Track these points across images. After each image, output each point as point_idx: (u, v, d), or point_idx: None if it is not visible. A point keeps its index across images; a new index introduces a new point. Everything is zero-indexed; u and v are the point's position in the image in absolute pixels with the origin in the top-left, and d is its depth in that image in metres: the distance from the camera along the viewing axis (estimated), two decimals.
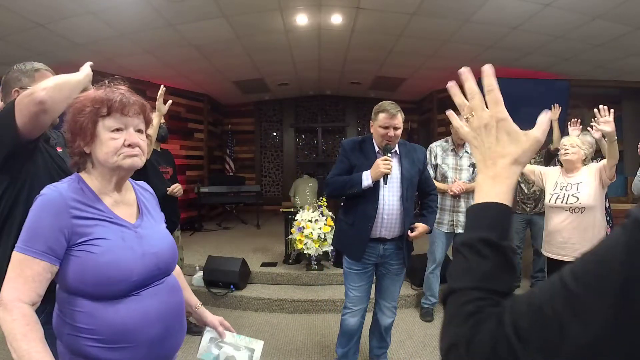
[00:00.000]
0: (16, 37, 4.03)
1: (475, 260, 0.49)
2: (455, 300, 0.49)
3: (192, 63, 5.42)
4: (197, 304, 1.31)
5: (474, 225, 0.53)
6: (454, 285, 0.51)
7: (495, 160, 0.54)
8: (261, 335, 3.10)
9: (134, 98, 1.01)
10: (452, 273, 0.53)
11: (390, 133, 2.12)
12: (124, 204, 1.06)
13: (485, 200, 0.53)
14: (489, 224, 0.52)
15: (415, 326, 3.24)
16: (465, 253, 0.51)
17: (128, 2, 3.55)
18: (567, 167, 2.55)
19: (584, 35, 4.25)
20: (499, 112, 0.55)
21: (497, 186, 0.53)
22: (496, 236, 0.50)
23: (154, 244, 1.04)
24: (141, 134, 1.02)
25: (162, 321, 1.00)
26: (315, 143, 8.71)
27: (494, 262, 0.49)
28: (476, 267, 0.49)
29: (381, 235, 2.20)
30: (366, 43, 4.93)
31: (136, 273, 0.96)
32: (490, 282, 0.48)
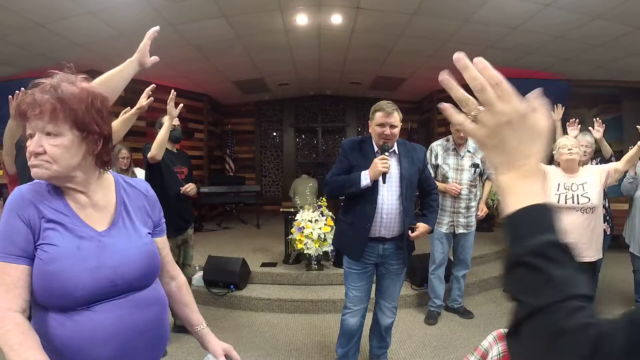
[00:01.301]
0: (16, 37, 4.03)
1: (553, 268, 0.43)
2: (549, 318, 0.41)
3: (192, 63, 5.42)
4: (200, 324, 1.16)
5: (531, 231, 0.46)
6: (537, 303, 0.42)
7: (526, 160, 0.48)
8: (261, 335, 3.10)
9: (39, 96, 0.85)
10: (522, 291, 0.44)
11: (387, 131, 2.13)
12: (94, 208, 0.95)
13: (528, 202, 0.47)
14: (547, 226, 0.46)
15: (415, 326, 3.24)
16: (537, 262, 0.43)
17: (128, 2, 3.55)
18: (568, 166, 2.54)
19: (584, 35, 4.25)
20: (521, 107, 0.48)
21: (535, 185, 0.48)
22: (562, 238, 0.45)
23: (117, 257, 0.92)
24: (52, 137, 0.85)
25: (117, 341, 0.88)
26: (315, 143, 8.71)
27: (572, 266, 0.43)
28: (559, 275, 0.42)
29: (381, 234, 2.20)
30: (366, 43, 4.93)
31: (81, 288, 0.85)
32: (579, 287, 0.42)
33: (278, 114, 8.79)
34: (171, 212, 2.76)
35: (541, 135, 0.49)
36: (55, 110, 0.84)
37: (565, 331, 0.39)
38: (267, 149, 8.89)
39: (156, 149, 2.58)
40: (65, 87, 0.87)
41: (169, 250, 1.17)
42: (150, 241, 1.03)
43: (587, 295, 0.41)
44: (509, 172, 0.49)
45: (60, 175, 0.88)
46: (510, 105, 0.48)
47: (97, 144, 0.91)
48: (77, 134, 0.87)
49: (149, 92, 2.15)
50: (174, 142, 2.99)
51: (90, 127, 0.88)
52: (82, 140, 0.89)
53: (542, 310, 0.41)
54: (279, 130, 8.82)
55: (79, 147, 0.88)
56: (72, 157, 0.88)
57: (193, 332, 1.17)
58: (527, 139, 0.48)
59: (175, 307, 1.18)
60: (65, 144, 0.86)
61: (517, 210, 0.47)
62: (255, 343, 2.96)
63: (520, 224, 0.47)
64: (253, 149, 8.83)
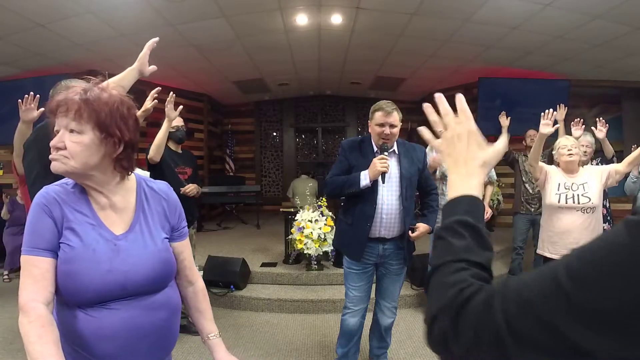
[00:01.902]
0: (16, 37, 4.03)
1: (455, 239, 0.55)
2: (439, 274, 0.52)
3: (192, 63, 5.42)
4: (211, 333, 1.17)
5: (451, 213, 0.59)
6: (436, 262, 0.54)
7: (466, 161, 0.63)
8: (261, 335, 3.10)
9: (69, 96, 0.91)
10: (434, 257, 0.57)
11: (386, 131, 2.13)
12: (113, 209, 0.99)
13: (460, 193, 0.60)
14: (464, 210, 0.58)
15: (415, 326, 3.24)
16: (445, 235, 0.56)
17: (128, 2, 3.55)
18: (568, 167, 2.53)
19: (584, 35, 4.25)
20: (470, 126, 0.65)
21: (469, 182, 0.61)
22: (472, 219, 0.56)
23: (130, 262, 0.95)
24: (75, 134, 0.90)
25: (121, 339, 0.93)
26: (315, 143, 8.71)
27: (472, 239, 0.54)
28: (456, 244, 0.54)
29: (380, 235, 2.20)
30: (366, 43, 4.93)
31: (92, 290, 0.90)
32: (471, 254, 0.52)
33: (278, 114, 8.79)
34: None
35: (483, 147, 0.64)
36: (80, 109, 0.90)
37: (446, 283, 0.50)
38: (267, 149, 8.89)
39: (153, 150, 2.58)
40: (94, 90, 0.93)
41: (188, 255, 1.15)
42: (166, 248, 1.04)
43: (477, 262, 0.51)
44: (454, 170, 0.64)
45: (76, 172, 0.92)
46: (463, 125, 0.66)
47: (117, 147, 0.94)
48: (97, 135, 0.91)
49: (154, 94, 2.19)
50: (177, 142, 3.00)
51: (111, 130, 0.92)
52: (102, 141, 0.92)
53: (438, 267, 0.53)
54: (279, 130, 8.82)
55: (98, 148, 0.92)
56: (90, 156, 0.91)
57: (204, 341, 1.17)
58: (471, 147, 0.64)
59: (189, 312, 1.19)
60: (85, 142, 0.90)
61: (449, 199, 0.62)
62: (255, 343, 2.96)
63: (448, 209, 0.60)
64: (253, 149, 8.83)
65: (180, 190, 2.83)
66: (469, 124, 0.66)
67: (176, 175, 2.88)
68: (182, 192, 2.83)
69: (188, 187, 2.87)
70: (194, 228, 3.10)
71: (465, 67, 5.66)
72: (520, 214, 3.94)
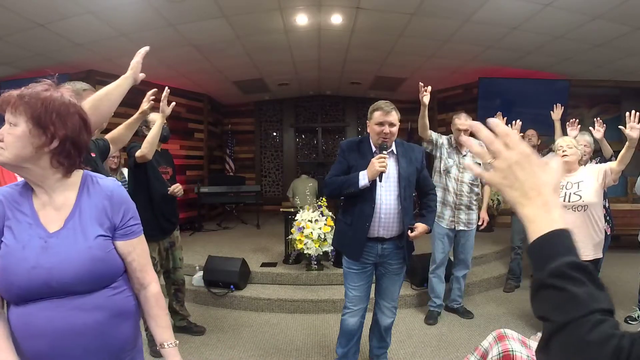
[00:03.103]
0: (16, 37, 4.04)
1: (574, 286, 0.47)
2: (574, 331, 0.45)
3: (192, 63, 5.42)
4: (166, 342, 1.10)
5: (552, 255, 0.51)
6: (562, 319, 0.47)
7: (539, 190, 0.56)
8: (261, 335, 3.11)
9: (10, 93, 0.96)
10: (548, 310, 0.49)
11: (385, 130, 2.13)
12: (53, 207, 1.00)
13: (548, 229, 0.53)
14: (566, 249, 0.51)
15: (415, 326, 3.24)
16: (558, 284, 0.49)
17: (128, 2, 3.55)
18: (566, 167, 2.56)
19: (584, 35, 4.25)
20: (525, 149, 0.58)
21: (552, 212, 0.54)
22: (578, 258, 0.50)
23: (56, 259, 0.94)
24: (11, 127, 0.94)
25: (49, 338, 0.93)
26: (315, 143, 8.71)
27: (591, 283, 0.48)
28: (580, 293, 0.47)
29: (379, 234, 2.20)
30: (366, 43, 4.93)
31: (17, 286, 0.92)
32: (600, 302, 0.46)
33: (278, 114, 8.79)
34: (157, 214, 2.68)
35: (549, 170, 0.57)
36: (15, 103, 0.94)
37: (589, 343, 0.43)
38: (267, 149, 8.89)
39: (147, 147, 2.47)
40: (35, 88, 0.96)
41: (138, 256, 1.09)
42: (100, 245, 1.00)
43: (607, 309, 0.46)
44: (527, 203, 0.56)
45: (10, 163, 0.95)
46: (516, 150, 0.58)
47: (49, 141, 0.96)
48: (30, 127, 0.94)
49: (151, 96, 2.18)
50: (162, 141, 2.87)
51: (43, 123, 0.94)
52: (34, 133, 0.94)
53: (567, 325, 0.46)
54: (279, 130, 8.82)
55: (30, 140, 0.94)
56: (22, 148, 0.94)
57: (159, 349, 1.11)
58: (536, 172, 0.57)
59: (144, 317, 1.14)
60: (17, 133, 0.93)
61: (537, 237, 0.53)
62: (255, 343, 2.96)
63: (541, 250, 0.52)
64: (253, 149, 8.83)
65: (167, 190, 2.72)
66: (521, 147, 0.58)
67: (160, 175, 2.77)
68: (169, 193, 2.72)
69: (175, 186, 2.76)
70: (177, 230, 2.97)
71: (465, 67, 5.66)
72: None
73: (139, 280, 1.10)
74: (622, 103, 6.05)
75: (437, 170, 3.20)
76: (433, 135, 3.17)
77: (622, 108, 6.05)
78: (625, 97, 6.01)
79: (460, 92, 6.70)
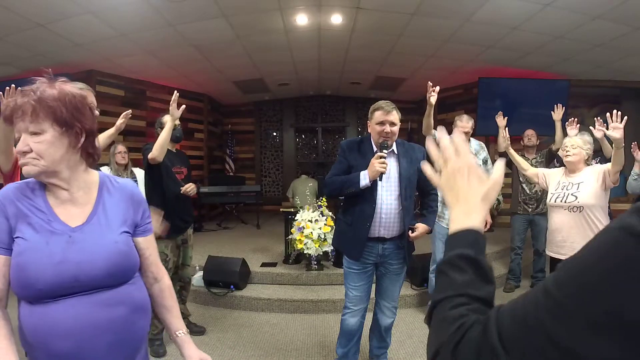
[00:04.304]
0: (16, 37, 4.04)
1: (457, 273, 0.54)
2: (441, 309, 0.52)
3: (192, 63, 5.42)
4: (179, 330, 1.16)
5: (452, 247, 0.59)
6: (437, 297, 0.54)
7: (467, 197, 0.63)
8: (261, 335, 3.11)
9: (21, 100, 0.91)
10: (435, 291, 0.57)
11: (386, 129, 2.13)
12: (72, 204, 1.00)
13: (460, 228, 0.61)
14: (466, 244, 0.57)
15: (415, 326, 3.24)
16: (446, 269, 0.56)
17: (128, 2, 3.55)
18: (569, 167, 2.57)
19: (584, 35, 4.25)
20: (469, 160, 0.66)
21: (470, 218, 0.61)
22: (473, 253, 0.56)
23: (85, 252, 0.94)
24: (37, 135, 0.92)
25: (76, 336, 0.91)
26: (315, 143, 8.71)
27: (474, 274, 0.54)
28: (458, 278, 0.54)
29: (380, 234, 2.20)
30: (366, 43, 4.93)
31: (42, 281, 0.89)
32: (472, 289, 0.52)
33: (278, 114, 8.79)
34: (170, 212, 2.76)
35: (484, 182, 0.64)
36: (34, 110, 0.90)
37: (446, 318, 0.50)
38: (267, 149, 8.89)
39: (157, 150, 2.56)
40: (43, 89, 0.93)
41: (153, 251, 1.15)
42: (125, 241, 1.03)
43: (479, 296, 0.51)
44: (455, 206, 0.64)
45: (47, 170, 0.94)
46: (462, 160, 0.65)
47: (79, 137, 0.96)
48: (57, 129, 0.93)
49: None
50: (175, 142, 2.97)
51: (69, 122, 0.94)
52: (63, 134, 0.94)
53: (439, 302, 0.53)
54: (279, 130, 8.82)
55: (62, 141, 0.94)
56: (56, 151, 0.93)
57: (173, 338, 1.16)
58: (472, 182, 0.64)
59: (157, 309, 1.18)
60: (48, 139, 0.92)
61: (450, 233, 0.62)
62: (255, 343, 2.96)
63: (449, 244, 0.61)
64: (253, 149, 8.83)
65: (180, 190, 2.82)
66: (467, 158, 0.66)
67: (174, 175, 2.86)
68: (182, 192, 2.82)
69: (188, 186, 2.85)
70: (191, 228, 3.07)
71: (465, 67, 5.66)
72: (517, 214, 3.95)
73: (154, 275, 1.15)
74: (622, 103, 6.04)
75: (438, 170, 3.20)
76: (436, 135, 3.16)
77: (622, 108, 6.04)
78: (625, 97, 6.01)
79: (460, 92, 6.70)
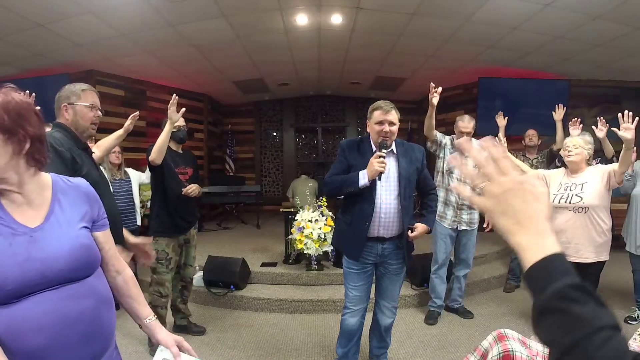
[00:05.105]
0: (16, 37, 4.04)
1: (577, 306, 0.46)
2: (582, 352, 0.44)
3: (192, 63, 5.42)
4: (148, 316, 1.19)
5: (550, 278, 0.50)
6: (569, 340, 0.45)
7: (533, 219, 0.55)
8: (261, 335, 3.11)
9: None
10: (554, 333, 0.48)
11: (385, 129, 2.13)
12: (28, 206, 1.02)
13: (543, 255, 0.52)
14: (564, 271, 0.50)
15: (415, 326, 3.24)
16: (561, 306, 0.47)
17: (128, 2, 3.55)
18: (571, 168, 2.56)
19: (584, 35, 4.25)
20: (518, 177, 0.57)
21: (547, 240, 0.53)
22: (580, 280, 0.49)
23: (48, 249, 0.97)
24: None
25: (48, 331, 0.94)
26: (315, 143, 8.71)
27: (593, 301, 0.47)
28: (584, 312, 0.46)
29: (379, 234, 2.20)
30: (366, 43, 4.93)
31: (11, 281, 0.91)
32: (605, 319, 0.45)
33: (278, 114, 8.79)
34: (172, 212, 2.78)
35: (541, 197, 0.56)
36: None
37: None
38: (267, 149, 8.89)
39: (155, 153, 2.57)
40: None
41: (112, 245, 1.19)
42: (85, 235, 1.07)
43: (613, 325, 0.45)
44: (521, 231, 0.55)
45: None
46: (510, 176, 0.57)
47: (23, 144, 0.97)
48: (1, 138, 0.94)
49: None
50: (179, 142, 2.97)
51: (13, 129, 0.95)
52: (6, 141, 0.94)
53: (575, 345, 0.44)
54: (279, 130, 8.82)
55: (5, 149, 0.95)
56: (0, 159, 0.94)
57: (142, 326, 1.19)
58: (529, 201, 0.56)
59: (122, 300, 1.20)
60: None
61: (534, 263, 0.52)
62: (255, 343, 2.96)
63: (539, 275, 0.51)
64: (253, 149, 8.83)
65: (182, 190, 2.81)
66: (514, 174, 0.57)
67: (177, 176, 2.87)
68: (183, 193, 2.81)
69: (190, 187, 2.85)
70: (195, 228, 3.08)
71: (465, 67, 5.66)
72: None
73: (115, 267, 1.19)
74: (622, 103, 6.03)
75: (439, 170, 3.20)
76: (438, 136, 3.17)
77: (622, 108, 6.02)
78: (625, 97, 6.01)
79: (460, 92, 6.70)
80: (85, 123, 1.75)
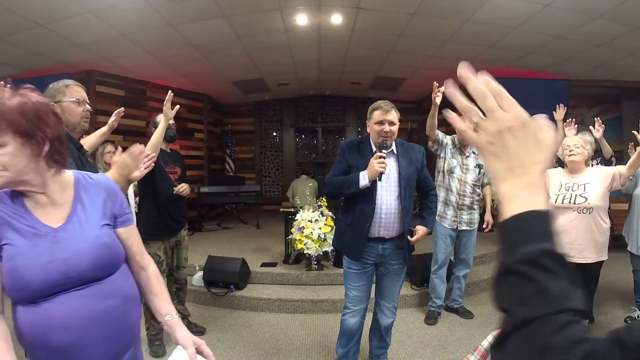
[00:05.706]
0: (16, 37, 4.04)
1: (545, 278, 0.41)
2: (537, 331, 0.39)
3: (192, 63, 5.42)
4: (169, 314, 1.15)
5: (526, 238, 0.44)
6: (526, 314, 0.40)
7: (526, 168, 0.47)
8: (261, 335, 3.10)
9: None
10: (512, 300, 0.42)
11: (385, 128, 2.13)
12: (51, 206, 1.03)
13: (526, 209, 0.45)
14: (544, 234, 0.44)
15: (415, 326, 3.24)
16: (528, 271, 0.41)
17: (128, 2, 3.55)
18: (572, 167, 2.55)
19: (584, 35, 4.25)
20: (522, 115, 0.48)
21: (535, 195, 0.46)
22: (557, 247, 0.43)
23: (70, 249, 0.98)
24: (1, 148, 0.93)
25: (73, 329, 0.95)
26: (315, 143, 8.71)
27: (565, 277, 0.41)
28: (553, 287, 0.40)
29: (380, 234, 2.20)
30: (366, 43, 4.93)
31: (35, 282, 0.93)
32: (572, 300, 0.40)
33: (278, 114, 8.79)
34: (163, 213, 2.73)
35: (543, 145, 0.48)
36: None
37: (554, 347, 0.37)
38: (267, 149, 8.89)
39: (150, 150, 2.52)
40: (2, 101, 0.94)
41: (136, 240, 1.18)
42: (106, 234, 1.07)
43: (580, 309, 0.40)
44: (510, 179, 0.48)
45: (13, 181, 0.96)
46: (512, 113, 0.48)
47: (42, 146, 0.97)
48: (19, 141, 0.94)
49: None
50: (168, 141, 2.91)
51: (31, 132, 0.95)
52: (25, 145, 0.95)
53: (531, 322, 0.39)
54: (279, 130, 8.82)
55: (24, 152, 0.95)
56: (19, 162, 0.95)
57: (163, 323, 1.16)
58: (529, 146, 0.48)
59: (145, 297, 1.20)
60: (10, 151, 0.93)
61: (512, 216, 0.46)
62: (255, 343, 2.96)
63: (515, 231, 0.45)
64: (253, 149, 8.83)
65: (173, 190, 2.77)
66: (518, 111, 0.48)
67: (167, 175, 2.82)
68: (175, 192, 2.77)
69: (181, 186, 2.81)
70: (185, 229, 3.02)
71: None
72: None
73: (139, 263, 1.18)
74: (622, 103, 6.04)
75: (440, 170, 3.20)
76: (439, 135, 3.17)
77: (622, 108, 6.04)
78: (625, 97, 6.01)
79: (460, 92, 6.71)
80: (75, 119, 1.69)
